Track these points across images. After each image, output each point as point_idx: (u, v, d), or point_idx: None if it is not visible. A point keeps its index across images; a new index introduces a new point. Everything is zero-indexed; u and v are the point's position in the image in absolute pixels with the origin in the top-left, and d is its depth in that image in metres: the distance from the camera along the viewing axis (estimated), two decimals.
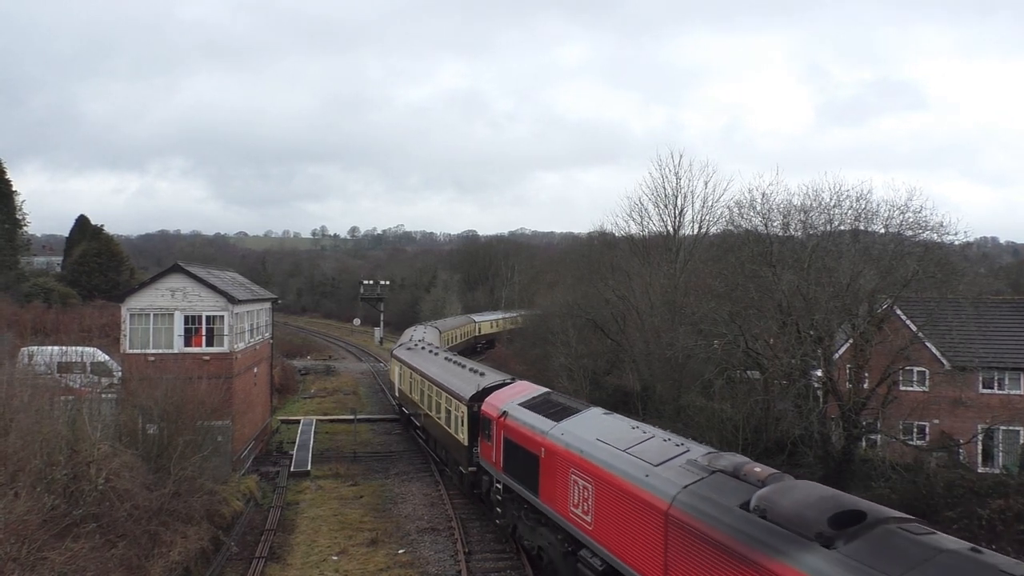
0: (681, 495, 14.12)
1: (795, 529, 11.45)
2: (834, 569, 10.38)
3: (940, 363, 33.20)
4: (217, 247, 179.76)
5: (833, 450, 30.08)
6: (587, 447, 18.34)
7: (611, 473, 16.76)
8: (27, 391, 21.68)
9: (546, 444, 20.39)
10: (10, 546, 15.36)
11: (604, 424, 19.53)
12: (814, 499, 11.89)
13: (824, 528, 11.03)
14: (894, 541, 10.51)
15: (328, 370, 67.93)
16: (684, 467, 15.10)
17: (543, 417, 21.56)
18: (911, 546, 10.27)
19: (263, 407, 39.99)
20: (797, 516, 11.57)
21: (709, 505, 13.34)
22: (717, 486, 13.80)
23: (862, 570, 10.12)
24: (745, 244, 34.08)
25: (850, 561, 10.34)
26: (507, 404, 24.42)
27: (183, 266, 31.74)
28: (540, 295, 75.32)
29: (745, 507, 12.58)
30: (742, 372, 36.58)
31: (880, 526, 10.96)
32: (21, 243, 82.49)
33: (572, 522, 18.57)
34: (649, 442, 17.18)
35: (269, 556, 23.57)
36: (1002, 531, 24.84)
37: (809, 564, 10.68)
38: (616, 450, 17.26)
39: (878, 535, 10.73)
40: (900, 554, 10.16)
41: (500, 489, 24.39)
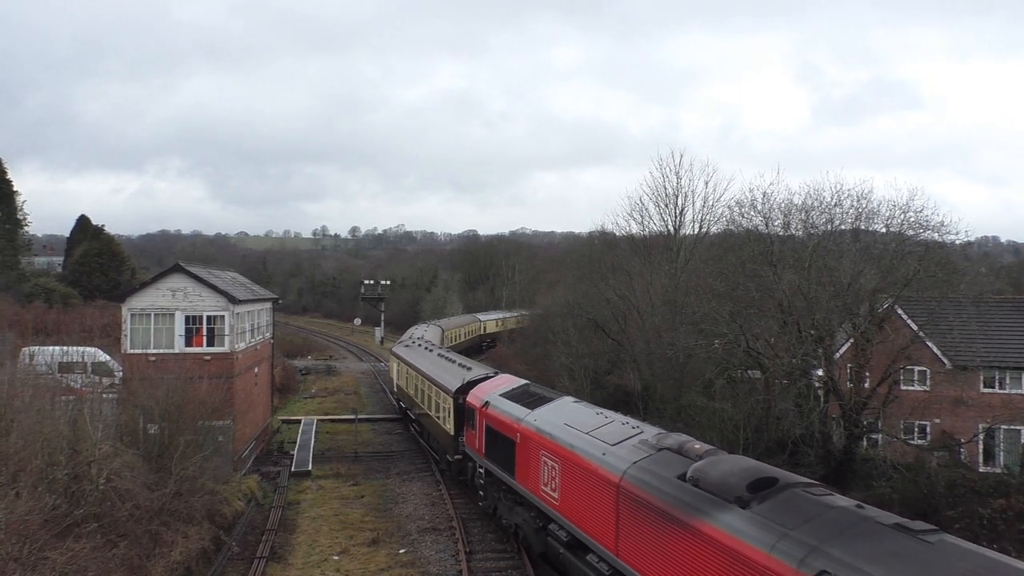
0: (631, 470, 16.04)
1: (719, 494, 13.35)
2: (744, 525, 12.37)
3: (941, 362, 33.19)
4: (218, 247, 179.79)
5: (834, 449, 30.07)
6: (556, 431, 20.09)
7: (575, 453, 18.57)
8: (28, 391, 21.69)
9: (521, 430, 22.13)
10: (11, 546, 15.38)
11: (572, 411, 21.26)
12: (738, 469, 13.84)
13: (742, 493, 13.00)
14: (796, 501, 12.50)
15: (329, 370, 67.95)
16: (636, 446, 17.04)
17: (520, 406, 23.26)
18: (809, 504, 12.28)
19: (264, 407, 40.00)
20: (722, 483, 13.50)
21: (653, 477, 15.26)
22: (662, 461, 15.74)
23: (767, 525, 12.06)
24: (746, 243, 34.06)
25: (758, 518, 12.32)
26: (489, 395, 25.97)
27: (184, 266, 31.74)
28: (541, 295, 75.30)
29: (682, 478, 14.52)
30: (743, 372, 36.57)
31: (788, 490, 12.97)
32: (22, 243, 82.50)
33: (542, 499, 20.37)
34: (609, 426, 18.93)
35: (270, 556, 23.58)
36: (1003, 530, 24.84)
37: (726, 522, 12.69)
38: (580, 433, 19.05)
39: (785, 497, 12.73)
40: (799, 511, 12.12)
41: (482, 474, 26.09)
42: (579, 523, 18.18)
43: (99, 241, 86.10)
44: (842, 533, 11.20)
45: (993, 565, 10.09)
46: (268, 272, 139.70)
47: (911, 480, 27.56)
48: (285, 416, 46.74)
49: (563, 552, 19.07)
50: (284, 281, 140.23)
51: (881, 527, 11.24)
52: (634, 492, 15.52)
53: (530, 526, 21.51)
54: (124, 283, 74.54)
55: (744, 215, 34.76)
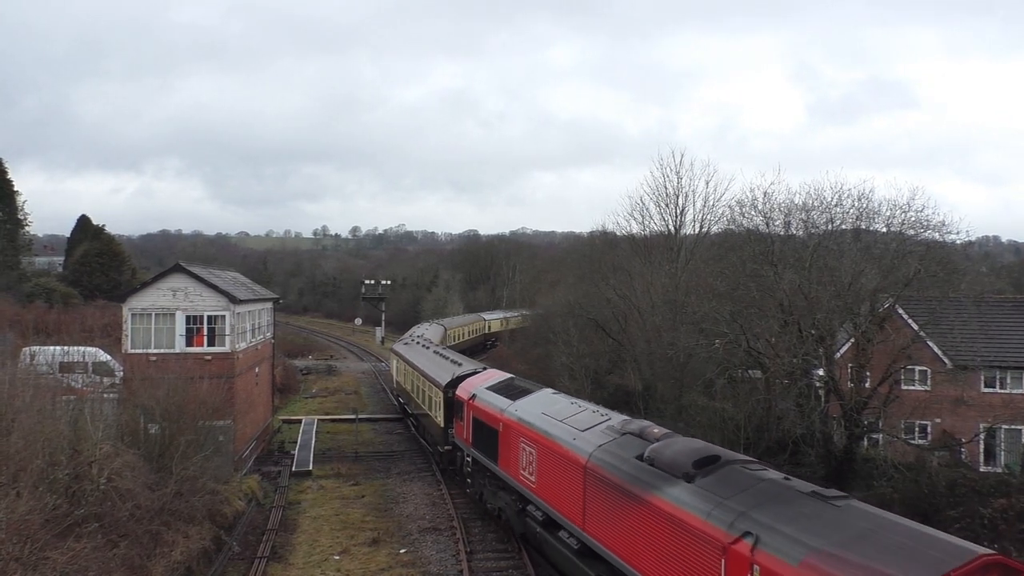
0: (596, 452, 17.80)
1: (669, 471, 15.13)
2: (688, 497, 14.16)
3: (942, 362, 33.16)
4: (218, 247, 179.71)
5: (835, 449, 30.05)
6: (534, 419, 21.76)
7: (549, 439, 20.30)
8: (29, 391, 21.69)
9: (504, 420, 23.74)
10: (12, 546, 15.38)
11: (550, 401, 22.98)
12: (687, 449, 15.59)
13: (689, 469, 14.74)
14: (734, 475, 14.31)
15: (329, 370, 67.97)
16: (603, 431, 18.70)
17: (503, 397, 24.92)
18: (744, 478, 14.11)
19: (265, 407, 40.01)
20: (672, 462, 15.29)
21: (615, 458, 17.02)
22: (624, 444, 17.45)
23: (706, 496, 13.82)
24: (746, 243, 34.03)
25: (700, 490, 14.09)
26: (476, 388, 27.62)
27: (185, 266, 31.75)
28: (541, 295, 75.33)
29: (639, 458, 16.28)
30: (743, 371, 36.54)
31: (728, 465, 14.80)
32: (23, 243, 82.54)
33: (522, 483, 22.03)
34: (580, 414, 20.62)
35: (271, 556, 23.59)
36: (1004, 530, 24.82)
37: (673, 495, 14.48)
38: (555, 421, 20.76)
39: (725, 472, 14.54)
40: (734, 483, 13.93)
41: (470, 463, 28.00)
42: (552, 503, 19.87)
43: (100, 241, 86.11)
44: (767, 500, 13.02)
45: (881, 522, 11.72)
46: (269, 272, 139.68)
47: (912, 480, 27.54)
48: (286, 416, 46.75)
49: (539, 531, 20.73)
50: (285, 281, 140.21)
51: (800, 494, 13.03)
52: (598, 472, 17.27)
53: (512, 509, 23.19)
54: (125, 283, 74.56)
55: (745, 215, 34.74)
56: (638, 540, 15.34)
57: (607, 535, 16.74)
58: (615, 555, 16.30)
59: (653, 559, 14.78)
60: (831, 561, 10.80)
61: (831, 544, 11.21)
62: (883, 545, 10.94)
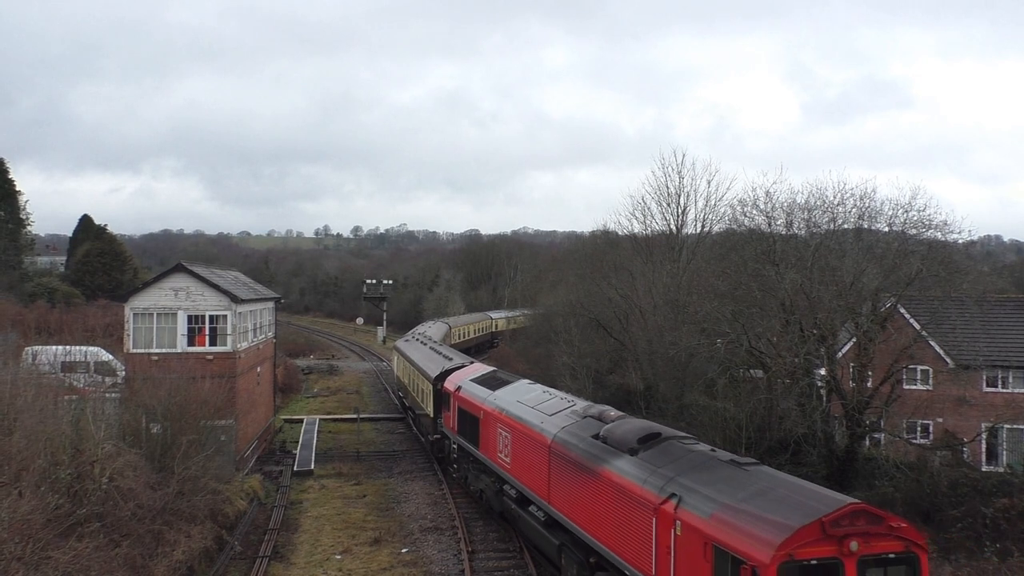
0: (559, 433, 19.93)
1: (618, 447, 17.29)
2: (631, 468, 16.28)
3: (944, 362, 33.13)
4: (220, 247, 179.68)
5: (837, 449, 30.03)
6: (510, 407, 23.92)
7: (521, 423, 22.46)
8: (31, 391, 21.72)
9: (484, 408, 25.89)
10: (14, 545, 15.40)
11: (525, 391, 25.11)
12: (635, 428, 17.79)
13: (634, 444, 16.88)
14: (670, 449, 16.49)
15: (331, 369, 67.98)
16: (567, 415, 20.82)
17: (485, 388, 27.10)
18: (678, 450, 16.33)
19: (266, 406, 40.03)
20: (621, 439, 17.43)
21: (575, 438, 19.17)
22: (584, 425, 19.51)
23: (645, 466, 15.98)
24: (748, 243, 34.01)
25: (641, 462, 16.24)
26: (461, 381, 29.79)
27: (186, 266, 31.76)
28: (543, 294, 75.30)
29: (596, 437, 18.38)
30: (745, 371, 36.52)
31: (667, 441, 16.98)
32: (25, 243, 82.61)
33: (499, 465, 24.22)
34: (550, 400, 22.78)
35: (273, 555, 23.60)
36: (1007, 530, 24.79)
37: (619, 467, 16.63)
38: (527, 407, 22.89)
39: (663, 446, 16.65)
40: (669, 455, 16.13)
41: (455, 449, 30.39)
42: (524, 481, 22.11)
43: (102, 241, 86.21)
44: (692, 468, 15.22)
45: (779, 482, 14.04)
46: (270, 272, 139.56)
47: (914, 479, 27.52)
48: (287, 415, 46.78)
49: (514, 507, 22.91)
50: (286, 281, 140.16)
51: (720, 462, 15.30)
52: (561, 451, 19.46)
53: (491, 489, 25.54)
54: (127, 283, 74.68)
55: (746, 214, 34.72)
56: (592, 508, 17.63)
57: (568, 506, 18.99)
58: (574, 523, 18.53)
59: (604, 524, 17.07)
60: (732, 512, 13.21)
61: (735, 500, 13.50)
62: (775, 499, 13.25)
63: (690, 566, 13.70)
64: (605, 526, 16.94)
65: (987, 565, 22.93)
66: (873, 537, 12.61)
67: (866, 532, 12.59)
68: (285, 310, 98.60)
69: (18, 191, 79.81)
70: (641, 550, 15.34)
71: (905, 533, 13.04)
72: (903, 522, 13.18)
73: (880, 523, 12.79)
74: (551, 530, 19.97)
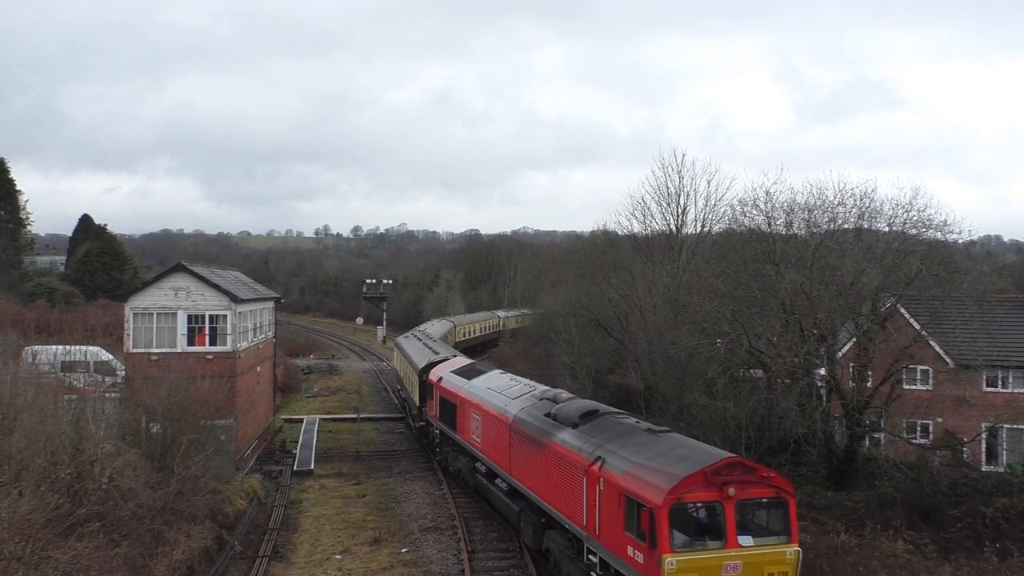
0: (518, 413, 23.06)
1: (564, 422, 20.34)
2: (571, 438, 19.30)
3: (944, 361, 33.12)
4: (220, 246, 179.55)
5: (837, 449, 30.03)
6: (482, 393, 27.07)
7: (488, 407, 25.69)
8: (31, 390, 21.74)
9: (461, 396, 29.01)
10: (14, 545, 15.40)
11: (496, 379, 28.56)
12: (578, 406, 20.89)
13: (576, 420, 19.91)
14: (604, 422, 19.42)
15: (331, 369, 67.96)
16: (527, 398, 23.91)
17: (462, 378, 30.26)
18: (610, 424, 19.26)
19: (266, 406, 40.03)
20: (567, 415, 20.46)
21: (530, 416, 22.27)
22: (539, 406, 22.53)
23: (582, 437, 18.95)
24: (748, 242, 34.00)
25: (579, 433, 19.21)
26: (443, 372, 32.84)
27: (186, 265, 31.76)
28: (543, 294, 75.26)
29: (547, 415, 21.42)
30: (745, 371, 36.51)
31: (603, 416, 19.93)
32: (25, 242, 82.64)
33: (472, 445, 27.45)
34: (515, 387, 26.09)
35: (273, 555, 23.61)
36: (1007, 529, 24.80)
37: (562, 438, 19.71)
38: (496, 393, 26.10)
39: (599, 421, 19.66)
40: (603, 427, 19.07)
41: (438, 435, 33.62)
42: (491, 457, 25.26)
43: (102, 240, 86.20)
44: (617, 436, 18.22)
45: (680, 444, 17.27)
46: (270, 271, 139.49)
47: (914, 479, 27.51)
48: (287, 415, 46.78)
49: (484, 481, 26.22)
50: (286, 280, 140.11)
51: (640, 431, 18.37)
52: (519, 428, 22.49)
53: (466, 468, 28.84)
54: (127, 282, 74.65)
55: (746, 214, 34.70)
56: (542, 475, 20.69)
57: (525, 476, 22.14)
58: (529, 490, 21.68)
59: (550, 488, 20.15)
60: (639, 468, 16.27)
61: (644, 459, 16.54)
62: (674, 456, 16.34)
63: (610, 514, 16.74)
64: (551, 489, 20.04)
65: (987, 565, 22.94)
66: (747, 484, 15.35)
67: (742, 480, 15.31)
68: (285, 310, 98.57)
69: (18, 191, 79.88)
70: (576, 505, 18.41)
71: (775, 481, 15.73)
72: (773, 472, 16.00)
73: (753, 473, 15.56)
74: (512, 498, 23.30)
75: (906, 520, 25.85)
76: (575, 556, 18.70)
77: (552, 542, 20.40)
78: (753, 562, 15.21)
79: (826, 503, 27.51)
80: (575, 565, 18.65)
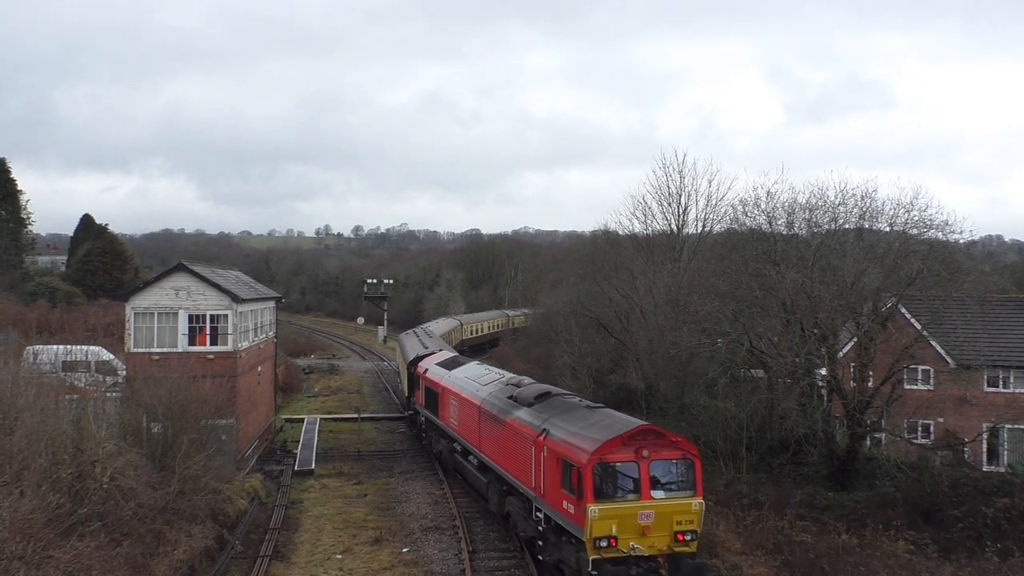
0: (487, 396, 26.28)
1: (522, 402, 23.29)
2: (526, 415, 22.30)
3: (945, 361, 33.11)
4: (221, 246, 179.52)
5: (837, 448, 30.03)
6: (459, 382, 30.25)
7: (464, 394, 28.74)
8: (32, 390, 21.74)
9: (442, 385, 32.12)
10: (16, 544, 15.41)
11: (472, 369, 31.75)
12: (535, 390, 24.08)
13: (531, 400, 22.95)
14: (554, 402, 22.53)
15: (332, 369, 67.95)
16: (495, 384, 27.08)
17: (444, 369, 33.53)
18: (559, 403, 22.36)
19: (267, 406, 40.04)
20: (525, 397, 23.49)
21: (496, 399, 25.32)
22: (504, 391, 25.52)
23: (535, 414, 21.96)
24: (749, 242, 34.02)
25: (533, 411, 22.28)
26: (428, 364, 36.32)
27: (187, 265, 31.75)
28: (543, 294, 75.23)
29: (510, 397, 24.33)
30: (746, 371, 36.52)
31: (554, 397, 23.10)
32: (26, 242, 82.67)
33: (451, 428, 30.55)
34: (487, 375, 29.47)
35: (273, 555, 23.60)
36: (1008, 529, 24.79)
37: (519, 416, 22.70)
38: (471, 381, 29.35)
39: (550, 400, 22.70)
40: (552, 406, 22.13)
41: (423, 422, 36.81)
42: (465, 437, 28.46)
43: (103, 240, 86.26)
44: (561, 412, 21.29)
45: (607, 416, 20.36)
46: (271, 271, 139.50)
47: (915, 479, 27.51)
48: (288, 415, 46.76)
49: (460, 459, 29.53)
50: (287, 280, 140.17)
51: (579, 407, 21.51)
52: (486, 409, 25.67)
53: (446, 449, 31.94)
54: (128, 282, 74.69)
55: (748, 214, 34.72)
56: (504, 449, 23.60)
57: (491, 450, 25.12)
58: (495, 463, 24.57)
59: (509, 458, 23.09)
60: (573, 436, 19.32)
61: (577, 428, 19.60)
62: (601, 426, 19.29)
63: (551, 475, 19.80)
64: (510, 460, 22.99)
65: (988, 565, 22.93)
66: (659, 447, 18.44)
67: (654, 444, 18.40)
68: (286, 310, 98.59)
69: (19, 190, 79.91)
70: (527, 471, 21.46)
71: (682, 445, 18.79)
72: (680, 437, 19.27)
73: (663, 438, 18.67)
74: (482, 472, 26.56)
75: (907, 520, 25.85)
76: (527, 515, 21.84)
77: (511, 506, 23.54)
78: (663, 511, 18.09)
79: (827, 503, 27.51)
80: (527, 523, 21.84)
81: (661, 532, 18.06)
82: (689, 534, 18.25)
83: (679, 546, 18.20)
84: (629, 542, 17.83)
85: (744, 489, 28.80)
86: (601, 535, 17.71)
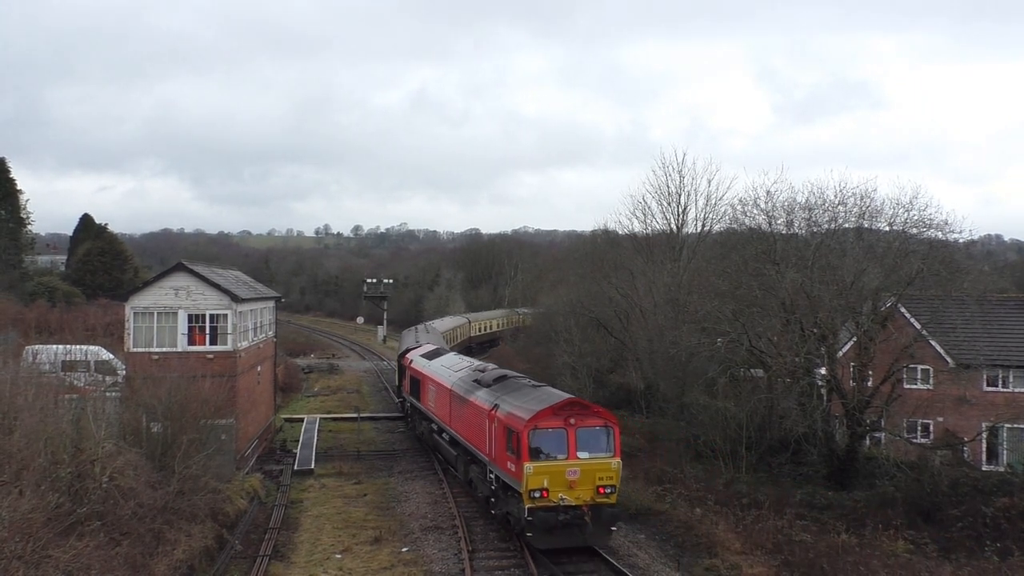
0: (456, 380, 30.19)
1: (483, 384, 27.17)
2: (485, 395, 26.11)
3: (944, 361, 33.12)
4: (220, 246, 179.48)
5: (837, 448, 30.02)
6: (437, 370, 34.03)
7: (439, 380, 32.62)
8: (31, 390, 21.72)
9: (424, 373, 35.95)
10: (15, 544, 15.40)
11: (449, 359, 35.66)
12: (495, 374, 28.38)
13: (491, 382, 26.97)
14: (508, 383, 26.38)
15: (331, 368, 67.95)
16: (465, 371, 30.81)
17: (426, 360, 37.39)
18: (512, 384, 26.26)
19: (267, 405, 40.04)
20: (486, 380, 27.49)
21: (463, 382, 29.23)
22: (471, 376, 29.41)
23: (491, 393, 25.73)
24: (749, 242, 34.01)
25: (490, 391, 26.03)
26: (414, 356, 40.28)
27: (187, 265, 31.75)
28: (543, 294, 75.20)
29: (475, 381, 28.27)
30: (746, 370, 36.51)
31: (509, 379, 27.18)
32: (26, 242, 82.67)
33: (430, 410, 34.38)
34: (460, 363, 33.33)
35: (273, 554, 23.59)
36: (1007, 529, 24.79)
37: (479, 395, 26.49)
38: (445, 369, 33.26)
39: (506, 382, 26.64)
40: (505, 386, 26.00)
41: (409, 407, 40.91)
42: (440, 417, 32.20)
43: (102, 240, 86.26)
44: (511, 391, 25.16)
45: (544, 391, 24.61)
46: (271, 271, 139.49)
47: (914, 479, 27.50)
48: (288, 415, 46.77)
49: (436, 437, 33.48)
50: (287, 280, 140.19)
51: (526, 386, 25.58)
52: (455, 391, 29.55)
53: (426, 429, 35.86)
54: (127, 282, 74.69)
55: (747, 213, 34.72)
56: (468, 424, 27.45)
57: (459, 426, 28.95)
58: (462, 437, 28.45)
59: (471, 431, 27.06)
60: (516, 408, 23.12)
61: (520, 402, 23.47)
62: (539, 400, 23.23)
63: (499, 442, 23.58)
64: (471, 432, 26.89)
65: (988, 565, 22.92)
66: (584, 416, 22.43)
67: (580, 414, 22.39)
68: (286, 309, 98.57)
69: (19, 190, 79.89)
70: (483, 440, 25.32)
71: (603, 415, 22.95)
72: (602, 409, 23.74)
73: (588, 409, 22.84)
74: (452, 446, 30.37)
75: (907, 520, 25.84)
76: (483, 478, 25.84)
77: (472, 472, 27.72)
78: (587, 469, 22.03)
79: (827, 502, 27.51)
80: (484, 484, 25.79)
81: (586, 486, 21.95)
82: (609, 488, 22.15)
83: (600, 498, 22.11)
84: (559, 494, 21.71)
85: (744, 489, 28.81)
86: (535, 488, 21.57)
